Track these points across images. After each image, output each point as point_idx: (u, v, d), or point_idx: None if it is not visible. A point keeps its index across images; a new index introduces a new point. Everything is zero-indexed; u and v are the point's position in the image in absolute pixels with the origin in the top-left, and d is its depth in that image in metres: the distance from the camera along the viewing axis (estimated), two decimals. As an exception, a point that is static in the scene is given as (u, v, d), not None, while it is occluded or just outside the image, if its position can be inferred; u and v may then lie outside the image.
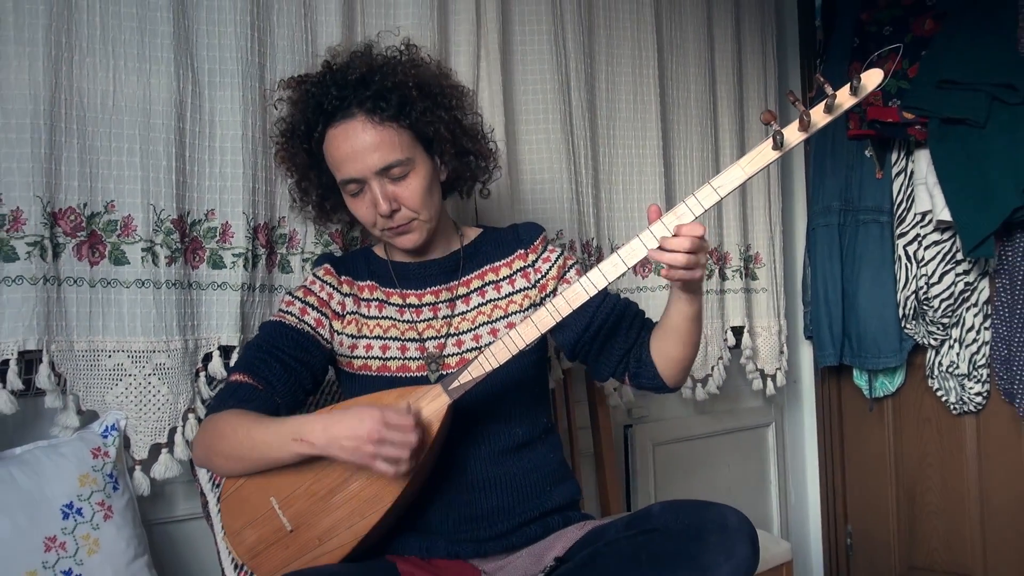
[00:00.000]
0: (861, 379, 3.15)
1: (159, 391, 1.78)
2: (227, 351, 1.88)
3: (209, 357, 1.87)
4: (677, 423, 2.89)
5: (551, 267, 1.74)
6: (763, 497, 3.20)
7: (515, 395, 1.68)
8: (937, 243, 2.90)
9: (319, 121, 1.61)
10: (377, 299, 1.72)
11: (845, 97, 1.38)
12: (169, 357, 1.79)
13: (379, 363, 1.67)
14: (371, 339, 1.69)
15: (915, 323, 2.96)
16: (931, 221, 2.88)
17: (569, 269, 1.75)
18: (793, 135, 1.41)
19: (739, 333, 2.92)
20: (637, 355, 1.67)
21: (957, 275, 2.89)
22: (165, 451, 1.80)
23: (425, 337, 1.68)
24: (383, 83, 1.59)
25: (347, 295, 1.72)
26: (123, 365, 1.76)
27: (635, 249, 1.45)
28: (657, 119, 2.63)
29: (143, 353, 1.77)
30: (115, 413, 1.75)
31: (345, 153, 1.59)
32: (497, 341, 1.50)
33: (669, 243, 1.41)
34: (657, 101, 2.64)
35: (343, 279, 1.74)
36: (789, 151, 1.43)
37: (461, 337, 1.68)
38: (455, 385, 1.50)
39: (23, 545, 1.51)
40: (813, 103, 1.38)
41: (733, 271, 2.86)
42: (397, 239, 1.66)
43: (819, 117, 1.40)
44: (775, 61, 3.09)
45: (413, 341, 1.68)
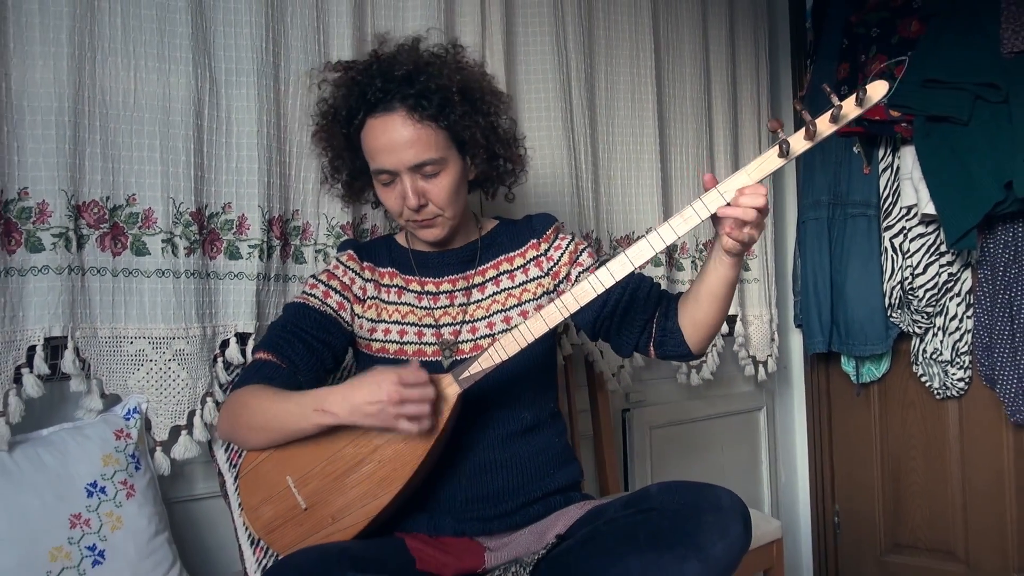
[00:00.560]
0: (848, 365, 3.15)
1: (179, 376, 1.78)
2: (243, 338, 1.88)
3: (226, 343, 1.87)
4: (673, 407, 2.89)
5: (563, 254, 1.74)
6: (755, 478, 3.20)
7: (523, 382, 1.67)
8: (922, 236, 2.90)
9: (361, 109, 1.60)
10: (397, 285, 1.72)
11: (851, 108, 1.37)
12: (188, 343, 1.79)
13: (396, 347, 1.67)
14: (389, 323, 1.69)
15: (900, 312, 2.96)
16: (916, 215, 2.88)
17: (581, 253, 1.74)
18: (799, 144, 1.40)
19: (732, 321, 2.92)
20: (662, 324, 1.65)
21: (941, 266, 2.89)
22: (184, 433, 1.80)
23: (441, 324, 1.68)
24: (427, 83, 1.57)
25: (368, 280, 1.72)
26: (144, 351, 1.76)
27: (642, 250, 1.45)
28: (654, 116, 2.63)
29: (163, 339, 1.77)
30: (137, 396, 1.75)
31: (382, 144, 1.59)
32: (507, 334, 1.50)
33: (740, 199, 1.39)
34: (654, 99, 2.63)
35: (365, 265, 1.74)
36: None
37: (475, 324, 1.68)
38: (465, 375, 1.50)
39: (50, 522, 1.51)
40: (808, 101, 1.37)
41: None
42: (420, 231, 1.66)
43: (825, 127, 1.39)
44: (767, 61, 3.09)
45: (429, 327, 1.68)
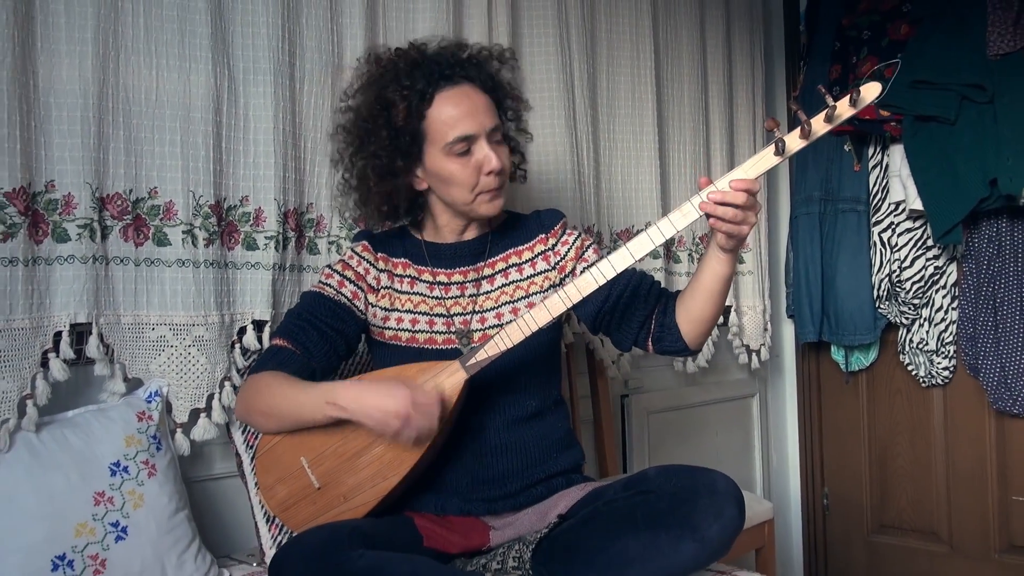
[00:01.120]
0: (838, 354, 3.14)
1: (198, 361, 1.78)
2: (260, 325, 1.88)
3: (243, 330, 1.87)
4: (669, 394, 2.89)
5: (569, 249, 1.73)
6: (747, 461, 3.20)
7: (529, 369, 1.67)
8: (910, 230, 2.89)
9: (431, 85, 1.58)
10: (409, 276, 1.72)
11: (845, 108, 1.36)
12: (207, 330, 1.79)
13: (408, 335, 1.67)
14: (402, 312, 1.69)
15: (888, 303, 2.95)
16: (904, 210, 2.86)
17: (587, 249, 1.73)
18: (794, 142, 1.39)
19: (727, 312, 2.92)
20: (660, 320, 1.64)
21: (927, 260, 2.88)
22: (203, 415, 1.80)
23: (452, 313, 1.68)
24: (487, 66, 1.65)
25: (382, 271, 1.72)
26: (165, 337, 1.76)
27: (642, 243, 1.45)
28: (653, 115, 2.62)
29: (183, 326, 1.77)
30: (158, 380, 1.75)
31: (464, 110, 1.58)
32: (512, 323, 1.50)
33: (725, 195, 1.39)
34: (653, 99, 2.62)
35: (379, 255, 1.73)
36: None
37: (484, 314, 1.68)
38: (472, 362, 1.50)
39: (75, 499, 1.51)
40: (802, 101, 1.36)
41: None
42: (488, 204, 1.63)
43: (819, 126, 1.38)
44: (762, 62, 3.08)
45: (440, 316, 1.68)
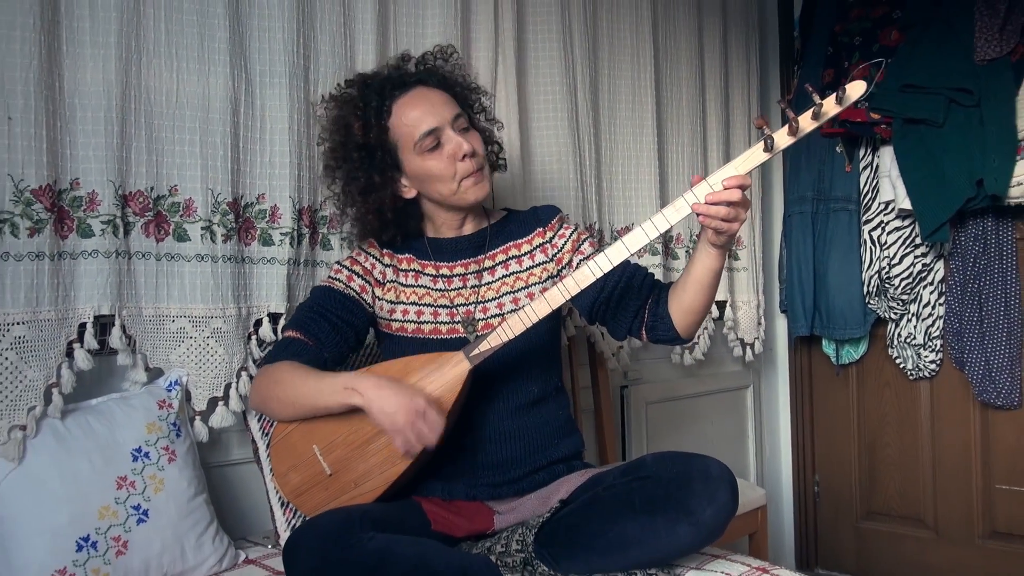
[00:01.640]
0: (829, 348, 3.14)
1: (216, 352, 1.79)
2: (275, 317, 1.88)
3: (260, 323, 1.87)
4: (667, 385, 2.89)
5: (566, 242, 1.73)
6: (741, 450, 3.19)
7: (531, 359, 1.67)
8: (898, 229, 2.88)
9: (386, 97, 1.63)
10: (414, 270, 1.72)
11: (831, 106, 1.35)
12: (225, 322, 1.79)
13: (414, 325, 1.68)
14: (407, 304, 1.69)
15: (878, 299, 2.95)
16: (893, 209, 2.86)
17: (583, 242, 1.73)
18: (783, 139, 1.38)
19: (722, 306, 2.92)
20: (653, 309, 1.64)
21: (916, 257, 2.87)
22: (221, 404, 1.80)
23: (455, 304, 1.68)
24: (434, 65, 1.72)
25: (388, 266, 1.72)
26: (185, 329, 1.76)
27: (637, 237, 1.45)
28: (653, 117, 2.61)
29: (202, 319, 1.77)
30: (178, 370, 1.75)
31: (422, 109, 1.62)
32: (513, 315, 1.50)
33: (716, 195, 1.39)
34: (653, 101, 2.62)
35: (385, 252, 1.74)
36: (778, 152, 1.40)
37: (486, 304, 1.68)
38: (475, 353, 1.51)
39: (99, 483, 1.52)
40: (796, 104, 1.35)
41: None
42: (472, 190, 1.64)
43: (807, 123, 1.37)
44: (758, 66, 3.07)
45: (444, 307, 1.68)
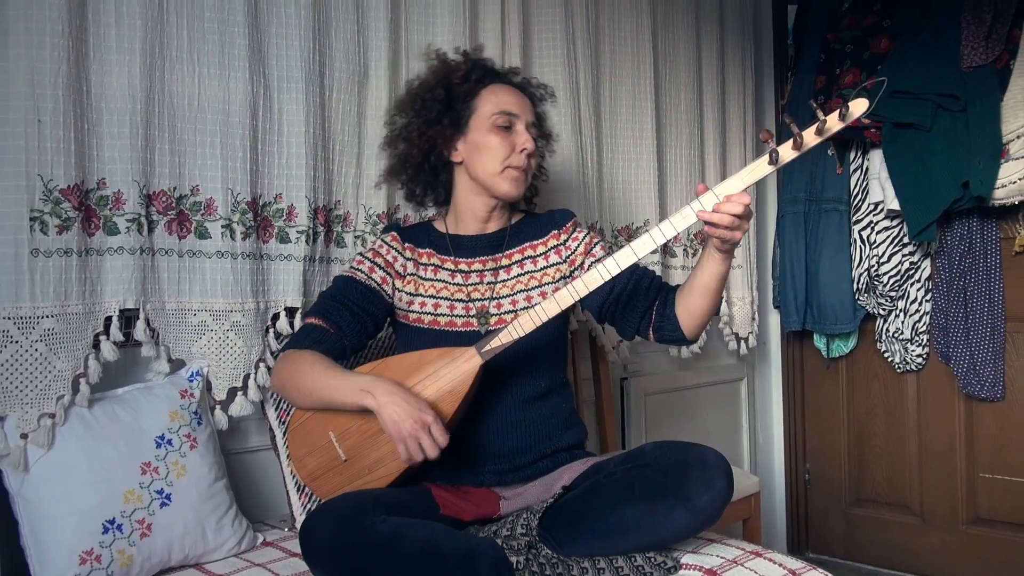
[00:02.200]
0: (820, 342, 3.13)
1: (235, 344, 1.79)
2: (292, 311, 1.89)
3: (277, 316, 1.87)
4: (665, 377, 2.89)
5: (579, 245, 1.74)
6: (736, 439, 3.19)
7: (540, 354, 1.67)
8: (887, 229, 2.87)
9: (490, 76, 1.71)
10: (433, 264, 1.72)
11: (834, 122, 1.35)
12: (244, 316, 1.80)
13: (431, 317, 1.68)
14: (426, 297, 1.69)
15: (867, 296, 2.94)
16: (882, 210, 2.85)
17: (595, 246, 1.74)
18: (787, 153, 1.38)
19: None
20: (660, 311, 1.65)
21: (903, 256, 2.87)
22: (240, 394, 1.80)
23: (471, 298, 1.69)
24: (534, 91, 1.79)
25: (408, 259, 1.72)
26: (206, 322, 1.76)
27: (644, 243, 1.45)
28: (652, 121, 2.61)
29: (222, 312, 1.78)
30: (199, 361, 1.75)
31: (514, 99, 1.69)
32: (524, 313, 1.50)
33: (721, 206, 1.40)
34: (652, 106, 2.61)
35: (407, 245, 1.74)
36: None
37: (501, 300, 1.68)
38: (487, 349, 1.51)
39: (124, 469, 1.52)
40: (790, 109, 1.35)
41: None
42: (509, 182, 1.68)
43: (811, 139, 1.37)
44: (753, 73, 3.05)
45: (460, 301, 1.68)
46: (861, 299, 2.95)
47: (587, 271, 1.51)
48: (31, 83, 1.51)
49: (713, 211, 1.41)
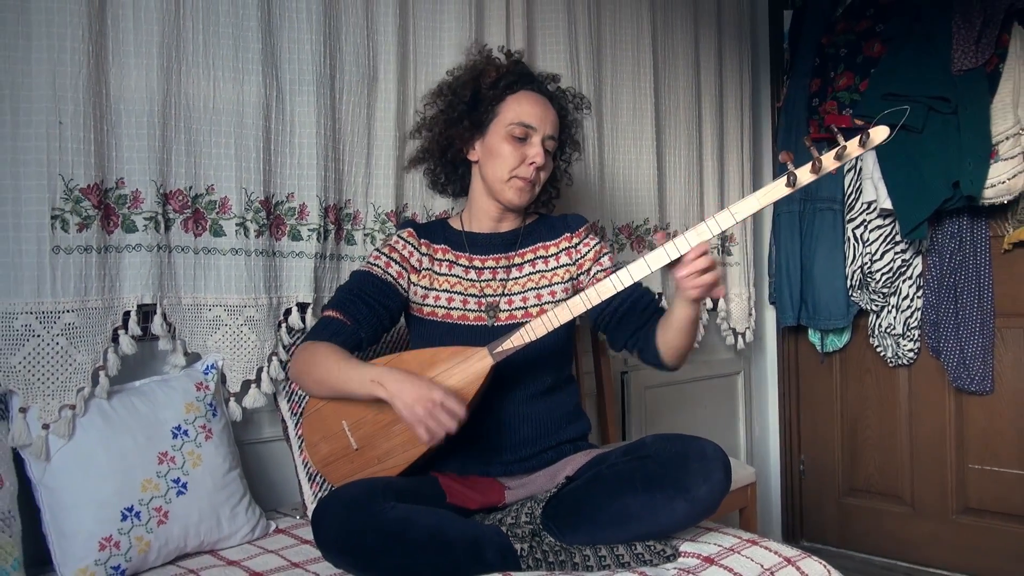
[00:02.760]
0: (815, 337, 3.13)
1: (249, 338, 1.79)
2: (303, 307, 1.89)
3: (289, 312, 1.87)
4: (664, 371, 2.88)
5: (589, 250, 1.74)
6: (733, 431, 3.19)
7: (547, 353, 1.67)
8: (880, 227, 2.87)
9: (520, 81, 1.69)
10: (448, 260, 1.72)
11: (854, 148, 1.35)
12: (257, 311, 1.80)
13: (444, 311, 1.68)
14: (439, 291, 1.69)
15: (860, 292, 2.93)
16: (875, 209, 2.84)
17: (603, 255, 1.74)
18: (805, 176, 1.38)
19: (715, 299, 2.91)
20: (644, 337, 1.65)
21: (896, 253, 2.86)
22: (254, 386, 1.81)
23: (484, 294, 1.69)
24: (565, 100, 1.78)
25: (424, 254, 1.72)
26: (220, 317, 1.76)
27: (659, 257, 1.43)
28: (652, 123, 2.60)
29: (236, 308, 1.77)
30: (214, 355, 1.76)
31: (537, 111, 1.67)
32: (537, 319, 1.51)
33: (690, 265, 1.41)
34: (652, 108, 2.60)
35: (422, 241, 1.74)
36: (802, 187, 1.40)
37: (512, 297, 1.69)
38: (498, 350, 1.51)
39: (141, 458, 1.52)
40: (786, 111, 1.35)
41: (712, 249, 2.83)
42: (516, 192, 1.68)
43: (829, 163, 1.36)
44: (750, 76, 3.04)
45: (473, 296, 1.69)
46: (854, 295, 2.94)
47: (600, 282, 1.50)
48: (52, 86, 1.51)
49: (683, 263, 1.42)
